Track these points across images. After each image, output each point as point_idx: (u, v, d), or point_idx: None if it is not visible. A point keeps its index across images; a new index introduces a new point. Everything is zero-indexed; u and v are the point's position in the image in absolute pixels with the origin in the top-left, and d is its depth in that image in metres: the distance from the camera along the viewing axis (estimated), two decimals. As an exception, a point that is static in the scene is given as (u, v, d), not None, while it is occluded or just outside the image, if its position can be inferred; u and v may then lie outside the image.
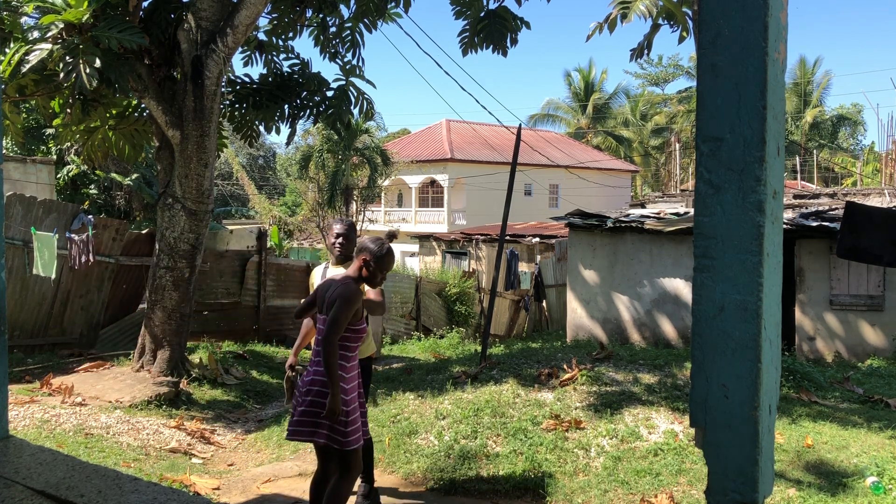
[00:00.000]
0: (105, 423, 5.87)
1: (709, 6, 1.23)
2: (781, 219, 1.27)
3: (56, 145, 15.45)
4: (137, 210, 17.94)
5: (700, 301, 1.25)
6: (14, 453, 2.47)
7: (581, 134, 44.00)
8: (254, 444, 6.15)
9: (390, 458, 5.30)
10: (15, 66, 6.44)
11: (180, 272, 7.54)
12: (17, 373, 7.36)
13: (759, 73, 1.19)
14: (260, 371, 8.95)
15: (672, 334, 11.23)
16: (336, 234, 4.60)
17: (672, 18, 10.38)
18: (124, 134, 8.76)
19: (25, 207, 8.56)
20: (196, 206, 7.51)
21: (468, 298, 16.87)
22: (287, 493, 4.79)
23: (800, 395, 6.66)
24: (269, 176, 51.17)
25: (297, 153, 26.54)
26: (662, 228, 11.09)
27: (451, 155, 31.82)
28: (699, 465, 4.85)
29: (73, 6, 6.47)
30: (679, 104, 44.21)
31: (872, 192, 18.62)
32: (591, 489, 4.72)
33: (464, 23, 9.25)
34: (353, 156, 23.77)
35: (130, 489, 2.21)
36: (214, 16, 7.25)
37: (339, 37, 9.22)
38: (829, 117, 42.58)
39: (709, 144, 1.24)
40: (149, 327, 7.59)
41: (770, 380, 1.23)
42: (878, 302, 10.48)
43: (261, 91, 8.83)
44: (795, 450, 5.18)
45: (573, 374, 6.57)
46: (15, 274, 8.49)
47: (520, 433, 5.47)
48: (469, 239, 22.99)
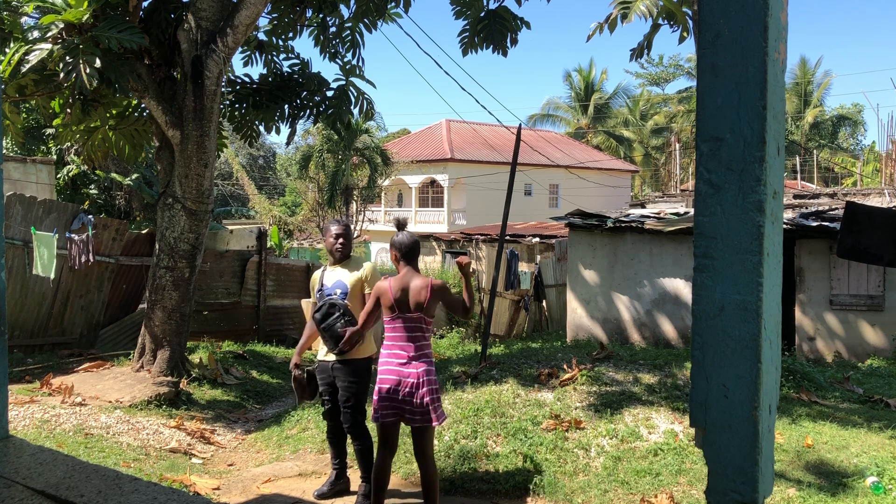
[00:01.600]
0: (105, 423, 5.87)
1: (709, 6, 1.23)
2: (781, 219, 1.27)
3: (56, 145, 15.45)
4: (137, 210, 17.94)
5: (700, 301, 1.25)
6: (14, 453, 2.47)
7: (581, 134, 44.01)
8: (254, 444, 6.15)
9: (390, 458, 5.30)
10: (15, 66, 6.44)
11: (180, 272, 7.54)
12: (17, 373, 7.36)
13: (759, 73, 1.19)
14: (260, 371, 8.95)
15: (672, 334, 11.23)
16: (335, 235, 4.63)
17: (672, 18, 10.38)
18: (124, 134, 8.76)
19: (25, 207, 8.56)
20: (196, 206, 7.51)
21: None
22: (287, 493, 4.79)
23: (800, 395, 6.66)
24: (269, 176, 51.17)
25: (297, 153, 26.56)
26: (662, 228, 11.09)
27: (451, 155, 31.82)
28: (699, 465, 4.85)
29: (73, 6, 6.47)
30: (679, 104, 44.23)
31: (872, 192, 18.64)
32: (591, 489, 4.72)
33: (464, 23, 9.26)
34: (353, 156, 23.78)
35: (130, 489, 2.21)
36: (214, 16, 7.24)
37: (339, 37, 9.22)
38: (830, 117, 42.59)
39: (709, 144, 1.24)
40: (149, 327, 7.59)
41: (770, 380, 1.23)
42: (878, 302, 10.48)
43: (261, 91, 8.83)
44: (795, 450, 5.18)
45: (573, 374, 6.57)
46: (15, 274, 8.49)
47: (520, 433, 5.47)
48: (469, 239, 22.99)
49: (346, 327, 4.37)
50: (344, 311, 4.43)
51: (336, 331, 4.40)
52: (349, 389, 4.48)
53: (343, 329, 4.36)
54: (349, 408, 4.49)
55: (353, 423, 4.50)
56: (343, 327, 4.38)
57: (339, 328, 4.38)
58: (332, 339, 4.43)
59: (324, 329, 4.44)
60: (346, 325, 4.39)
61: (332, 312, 4.43)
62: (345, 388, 4.49)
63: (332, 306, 4.45)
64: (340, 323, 4.39)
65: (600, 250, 11.92)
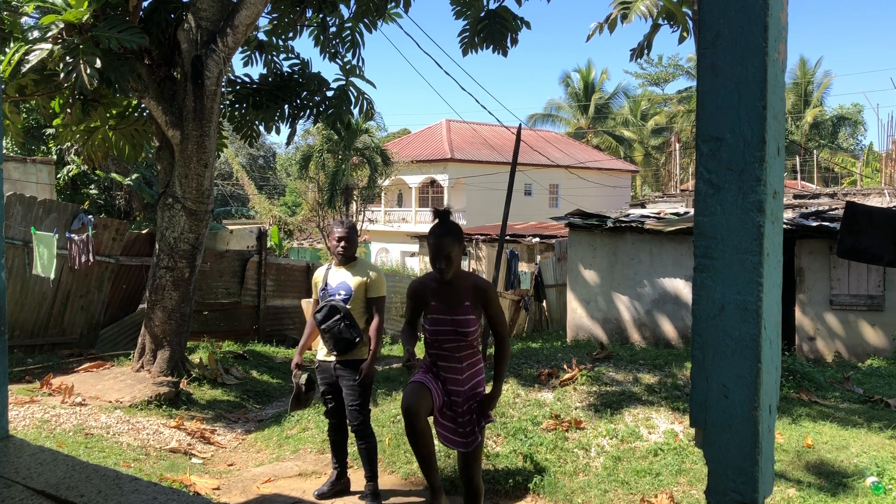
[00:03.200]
0: (105, 423, 5.87)
1: (709, 6, 1.23)
2: (781, 219, 1.27)
3: (56, 145, 15.45)
4: (137, 210, 17.94)
5: (700, 301, 1.25)
6: (14, 453, 2.47)
7: (581, 134, 44.01)
8: (254, 444, 6.15)
9: (390, 458, 5.30)
10: (15, 66, 6.44)
11: (180, 272, 7.54)
12: (17, 373, 7.36)
13: (759, 73, 1.19)
14: (260, 371, 8.95)
15: (672, 334, 11.23)
16: (338, 238, 4.59)
17: (672, 18, 10.38)
18: (124, 134, 8.76)
19: (25, 207, 8.56)
20: (196, 206, 7.51)
21: (468, 298, 16.81)
22: (287, 493, 4.79)
23: (800, 395, 6.66)
24: (269, 176, 51.17)
25: (297, 153, 26.56)
26: (662, 228, 11.09)
27: (451, 155, 31.82)
28: (699, 465, 4.85)
29: (73, 6, 6.47)
30: (679, 104, 44.21)
31: (872, 192, 18.64)
32: (591, 489, 4.72)
33: (464, 23, 9.26)
34: (353, 156, 23.77)
35: (130, 489, 2.21)
36: (214, 16, 7.24)
37: (339, 37, 9.22)
38: (830, 117, 42.58)
39: (709, 144, 1.24)
40: (149, 327, 7.59)
41: (770, 380, 1.23)
42: (878, 302, 10.48)
43: (261, 91, 8.83)
44: (795, 450, 5.18)
45: (573, 374, 6.58)
46: (15, 274, 8.49)
47: (520, 433, 5.47)
48: (469, 239, 22.99)
49: (346, 331, 4.38)
50: (345, 315, 4.42)
51: (335, 333, 4.40)
52: (355, 389, 4.48)
53: (348, 333, 4.38)
54: (355, 406, 4.50)
55: (360, 422, 4.51)
56: (343, 331, 4.38)
57: (340, 331, 4.39)
58: (332, 340, 4.44)
59: (324, 330, 4.45)
60: (347, 330, 4.39)
61: (333, 315, 4.43)
62: (350, 389, 4.50)
63: (334, 309, 4.44)
64: (341, 326, 4.39)
65: (600, 250, 11.92)
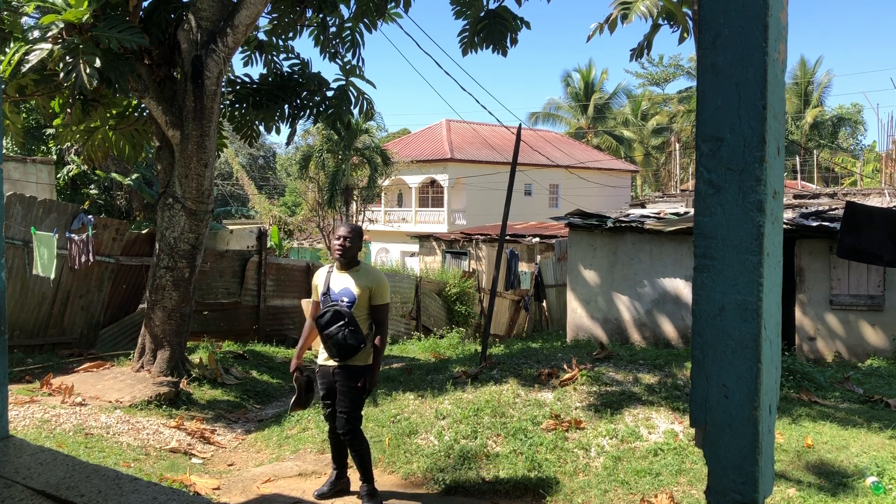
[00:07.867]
0: (105, 423, 5.87)
1: (709, 6, 1.23)
2: (781, 219, 1.27)
3: (56, 145, 15.44)
4: (137, 210, 17.94)
5: (700, 301, 1.25)
6: (14, 453, 2.47)
7: (581, 134, 44.02)
8: (254, 444, 6.15)
9: (390, 458, 5.30)
10: (15, 66, 6.44)
11: (180, 272, 7.54)
12: (17, 373, 7.36)
13: (759, 73, 1.19)
14: (260, 371, 8.94)
15: (672, 334, 11.23)
16: (337, 237, 4.52)
17: (672, 18, 10.38)
18: (124, 134, 8.76)
19: (25, 207, 8.56)
20: (196, 206, 7.51)
21: (468, 298, 16.86)
22: (287, 493, 4.79)
23: (800, 395, 6.66)
24: (269, 176, 51.17)
25: (297, 153, 26.56)
26: (662, 228, 11.09)
27: (451, 155, 31.82)
28: (699, 465, 4.85)
29: (73, 6, 6.46)
30: (679, 104, 44.23)
31: (872, 192, 18.64)
32: (591, 489, 4.72)
33: (464, 23, 9.26)
34: (353, 156, 23.78)
35: (130, 489, 2.21)
36: (214, 16, 7.24)
37: (339, 37, 9.22)
38: (830, 117, 42.58)
39: (709, 144, 1.24)
40: (149, 327, 7.59)
41: (770, 380, 1.23)
42: (878, 302, 10.48)
43: (261, 91, 8.83)
44: (795, 450, 5.18)
45: (573, 374, 6.58)
46: (15, 274, 8.49)
47: (520, 433, 5.47)
48: (469, 239, 22.99)
49: (350, 337, 4.34)
50: (349, 321, 4.36)
51: (338, 339, 4.36)
52: (347, 395, 4.43)
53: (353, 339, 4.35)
54: (345, 413, 4.44)
55: (349, 429, 4.45)
56: (348, 337, 4.35)
57: (344, 337, 4.35)
58: (335, 346, 4.38)
59: (327, 336, 4.40)
60: (352, 335, 4.35)
61: (337, 320, 4.36)
62: (343, 394, 4.44)
63: (339, 314, 4.37)
64: (346, 332, 4.35)
65: (600, 250, 11.92)
